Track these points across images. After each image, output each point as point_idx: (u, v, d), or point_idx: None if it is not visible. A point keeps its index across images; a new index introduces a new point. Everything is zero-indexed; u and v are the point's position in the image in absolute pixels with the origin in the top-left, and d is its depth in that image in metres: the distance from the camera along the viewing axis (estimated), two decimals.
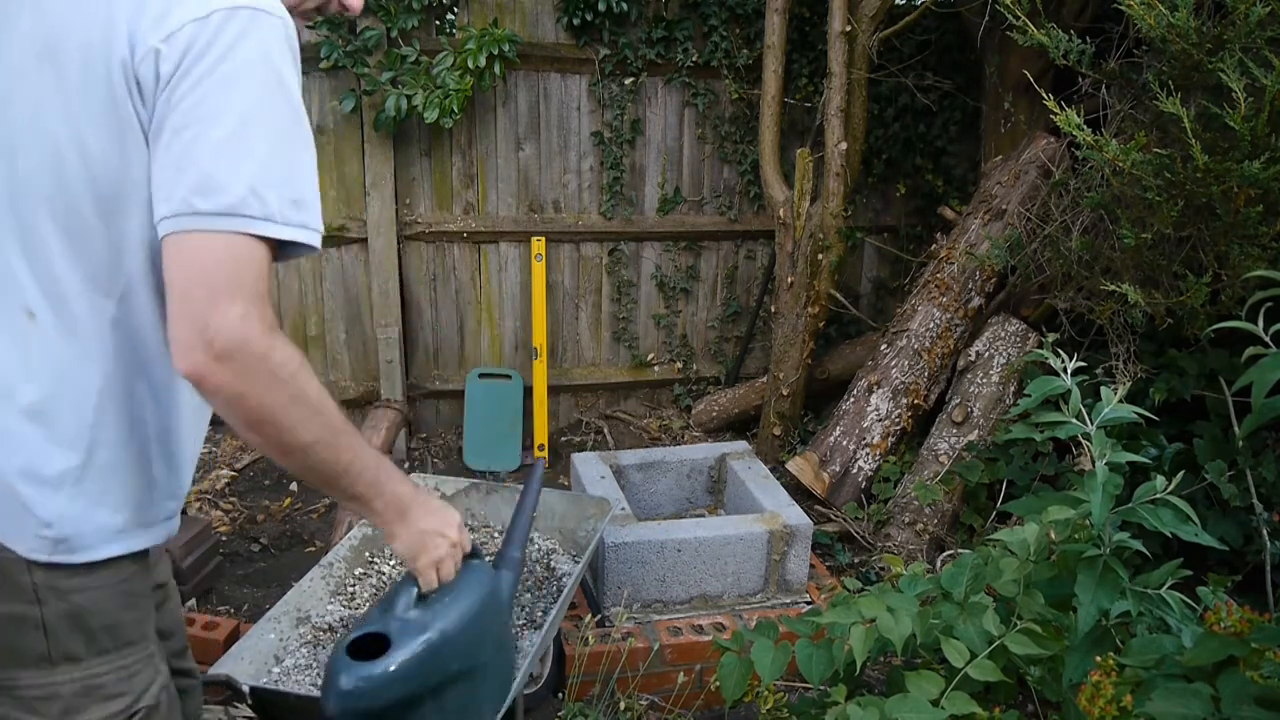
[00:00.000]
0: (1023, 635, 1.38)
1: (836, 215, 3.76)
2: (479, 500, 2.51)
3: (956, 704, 1.32)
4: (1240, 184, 2.51)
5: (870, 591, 1.50)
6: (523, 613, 2.13)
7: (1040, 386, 1.46)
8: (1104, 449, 1.38)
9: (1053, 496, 1.49)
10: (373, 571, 2.24)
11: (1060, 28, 2.89)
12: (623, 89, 4.15)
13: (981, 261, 3.59)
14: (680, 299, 4.51)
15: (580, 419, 4.52)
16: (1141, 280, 2.92)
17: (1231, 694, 1.11)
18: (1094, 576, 1.31)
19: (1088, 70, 2.94)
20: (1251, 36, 2.51)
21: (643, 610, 2.73)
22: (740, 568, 2.79)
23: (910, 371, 3.61)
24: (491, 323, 4.33)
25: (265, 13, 1.03)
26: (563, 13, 3.98)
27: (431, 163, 4.07)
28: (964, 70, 4.30)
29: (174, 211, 0.98)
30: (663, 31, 4.09)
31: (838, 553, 3.37)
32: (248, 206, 0.99)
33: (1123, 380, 2.96)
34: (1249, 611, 1.20)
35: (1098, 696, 1.20)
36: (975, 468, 3.28)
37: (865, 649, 1.40)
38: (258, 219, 1.00)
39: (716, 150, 4.35)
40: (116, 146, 1.02)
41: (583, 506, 2.45)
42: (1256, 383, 1.11)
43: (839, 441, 3.57)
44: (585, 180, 4.27)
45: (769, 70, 3.86)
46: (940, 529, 3.31)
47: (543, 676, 2.48)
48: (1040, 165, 3.65)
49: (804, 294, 3.87)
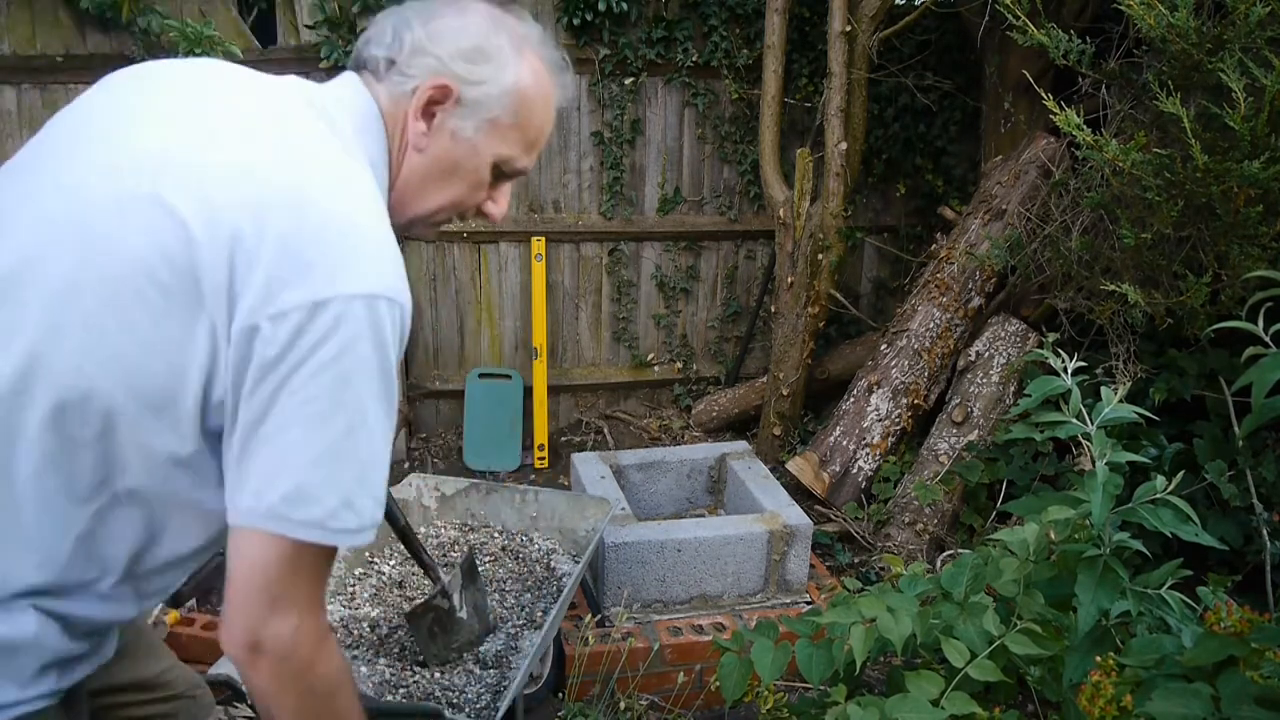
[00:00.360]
0: (1023, 635, 1.38)
1: (836, 215, 3.76)
2: (479, 500, 2.51)
3: (956, 704, 1.32)
4: (1240, 184, 2.51)
5: (870, 591, 1.50)
6: (523, 613, 2.13)
7: (1040, 386, 1.46)
8: (1104, 449, 1.38)
9: (1053, 496, 1.48)
10: (373, 571, 2.24)
11: (1060, 28, 2.89)
12: (623, 89, 4.15)
13: (981, 261, 3.59)
14: (680, 299, 4.51)
15: (580, 419, 4.52)
16: (1141, 280, 2.92)
17: (1231, 694, 1.11)
18: (1094, 576, 1.31)
19: (1088, 70, 2.94)
20: (1251, 36, 2.51)
21: (643, 610, 2.73)
22: (740, 568, 2.79)
23: (910, 371, 3.61)
24: (491, 323, 4.33)
25: (386, 300, 0.95)
26: (563, 13, 3.98)
27: None
28: (964, 70, 4.30)
29: (260, 511, 0.94)
30: (663, 31, 4.09)
31: (838, 553, 3.37)
32: (337, 519, 0.95)
33: (1123, 380, 2.96)
34: (1249, 611, 1.20)
35: (1098, 696, 1.20)
36: (975, 468, 3.28)
37: (865, 649, 1.40)
38: (345, 531, 0.96)
39: (716, 150, 4.35)
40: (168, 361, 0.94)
41: (583, 506, 2.45)
42: (1256, 383, 1.11)
43: (839, 441, 3.57)
44: (585, 180, 4.27)
45: (769, 70, 3.86)
46: (940, 529, 3.31)
47: (543, 676, 2.48)
48: (1040, 165, 3.65)
49: (804, 294, 3.87)
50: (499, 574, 2.29)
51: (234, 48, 3.54)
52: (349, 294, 0.92)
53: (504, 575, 2.28)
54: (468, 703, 1.84)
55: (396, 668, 1.91)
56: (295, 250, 0.92)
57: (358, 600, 2.12)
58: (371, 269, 0.95)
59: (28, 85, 3.56)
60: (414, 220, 1.17)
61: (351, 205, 0.98)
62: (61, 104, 3.57)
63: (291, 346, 0.91)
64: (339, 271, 0.93)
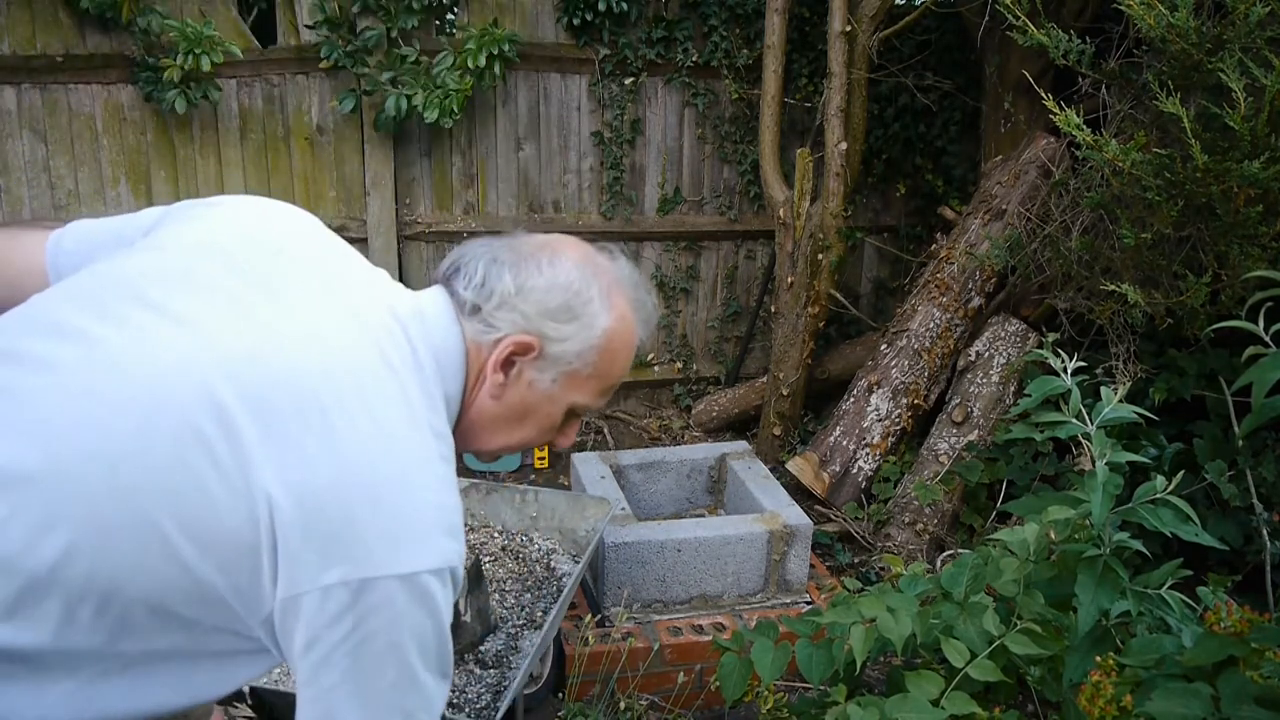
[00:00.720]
0: (1023, 635, 1.38)
1: (836, 215, 3.76)
2: (479, 500, 2.51)
3: (956, 704, 1.32)
4: (1240, 184, 2.51)
5: (870, 591, 1.50)
6: (523, 613, 2.13)
7: (1040, 386, 1.46)
8: (1104, 449, 1.38)
9: (1053, 496, 1.48)
10: None
11: (1060, 28, 2.89)
12: (623, 89, 4.15)
13: (981, 261, 3.59)
14: (680, 299, 4.51)
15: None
16: (1141, 280, 2.92)
17: (1231, 694, 1.11)
18: (1094, 576, 1.31)
19: (1088, 70, 2.94)
20: (1251, 36, 2.51)
21: (643, 610, 2.73)
22: (740, 568, 2.79)
23: (910, 371, 3.61)
24: None
25: (435, 573, 0.94)
26: (563, 13, 3.98)
27: (431, 163, 4.07)
28: (964, 70, 4.30)
29: None
30: (663, 31, 4.08)
31: (838, 553, 3.37)
32: None
33: (1123, 380, 2.96)
34: (1249, 611, 1.20)
35: (1098, 696, 1.20)
36: (975, 468, 3.28)
37: (865, 649, 1.40)
38: None
39: (716, 150, 4.35)
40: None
41: (583, 506, 2.45)
42: (1256, 383, 1.11)
43: (839, 441, 3.57)
44: (585, 180, 4.27)
45: (769, 70, 3.86)
46: (940, 529, 3.31)
47: (543, 676, 2.48)
48: (1040, 165, 3.65)
49: (804, 294, 3.86)
50: (499, 574, 2.29)
51: (234, 47, 3.54)
52: (361, 578, 0.90)
53: (504, 575, 2.28)
54: (468, 703, 1.84)
55: None
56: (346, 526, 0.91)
57: None
58: (423, 545, 0.94)
59: (28, 85, 3.56)
60: (478, 451, 1.18)
61: (412, 479, 0.96)
62: (61, 104, 3.59)
63: (337, 621, 0.90)
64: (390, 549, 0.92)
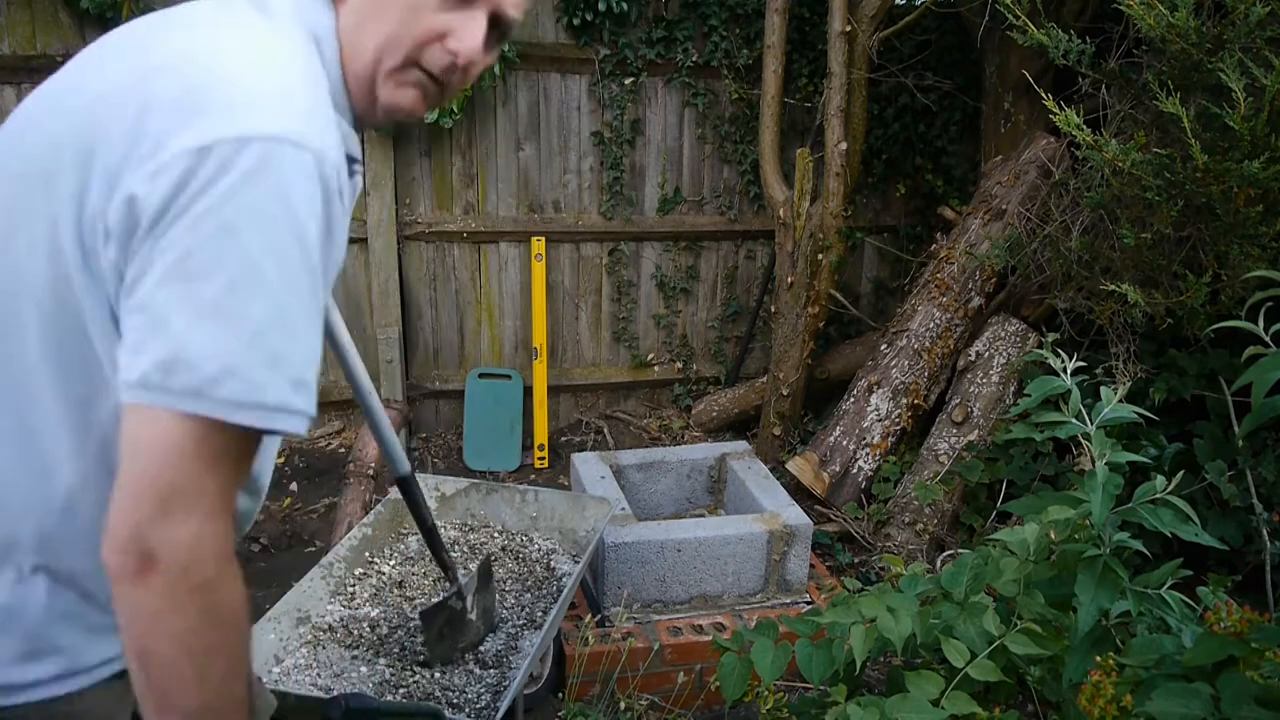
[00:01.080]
0: (1023, 635, 1.38)
1: (836, 215, 3.76)
2: (479, 500, 2.51)
3: (956, 704, 1.32)
4: (1240, 184, 2.51)
5: (870, 591, 1.50)
6: (523, 613, 2.13)
7: (1040, 386, 1.46)
8: (1104, 449, 1.38)
9: (1053, 496, 1.48)
10: (373, 571, 2.24)
11: (1060, 28, 2.89)
12: (623, 89, 4.15)
13: (981, 261, 3.59)
14: (680, 299, 4.51)
15: (580, 419, 4.52)
16: (1141, 280, 2.92)
17: (1231, 694, 1.11)
18: (1094, 576, 1.31)
19: (1088, 70, 2.94)
20: (1251, 36, 2.52)
21: (643, 610, 2.73)
22: (740, 568, 2.79)
23: (910, 371, 3.61)
24: (491, 323, 4.33)
25: (290, 144, 0.82)
26: (563, 13, 3.98)
27: (431, 163, 4.07)
28: (964, 70, 4.30)
29: (133, 381, 0.80)
30: (663, 31, 4.08)
31: (838, 553, 3.37)
32: (220, 387, 0.79)
33: (1123, 380, 2.96)
34: (1249, 611, 1.20)
35: (1098, 696, 1.20)
36: (975, 468, 3.28)
37: (865, 649, 1.40)
38: (233, 403, 0.80)
39: (716, 150, 4.35)
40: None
41: (583, 506, 2.45)
42: (1256, 382, 1.11)
43: (839, 441, 3.57)
44: (585, 180, 4.27)
45: (769, 70, 3.86)
46: (940, 529, 3.31)
47: (543, 676, 2.48)
48: (1040, 165, 3.65)
49: (804, 294, 3.87)
50: (499, 574, 2.29)
51: None
52: (236, 136, 0.80)
53: (504, 575, 2.28)
54: (468, 703, 1.84)
55: (396, 668, 1.91)
56: (183, 101, 0.82)
57: (358, 600, 2.12)
58: (272, 111, 0.83)
59: (28, 85, 3.56)
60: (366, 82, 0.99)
61: (254, 54, 0.88)
62: None
63: (171, 201, 0.79)
64: (229, 114, 0.81)
